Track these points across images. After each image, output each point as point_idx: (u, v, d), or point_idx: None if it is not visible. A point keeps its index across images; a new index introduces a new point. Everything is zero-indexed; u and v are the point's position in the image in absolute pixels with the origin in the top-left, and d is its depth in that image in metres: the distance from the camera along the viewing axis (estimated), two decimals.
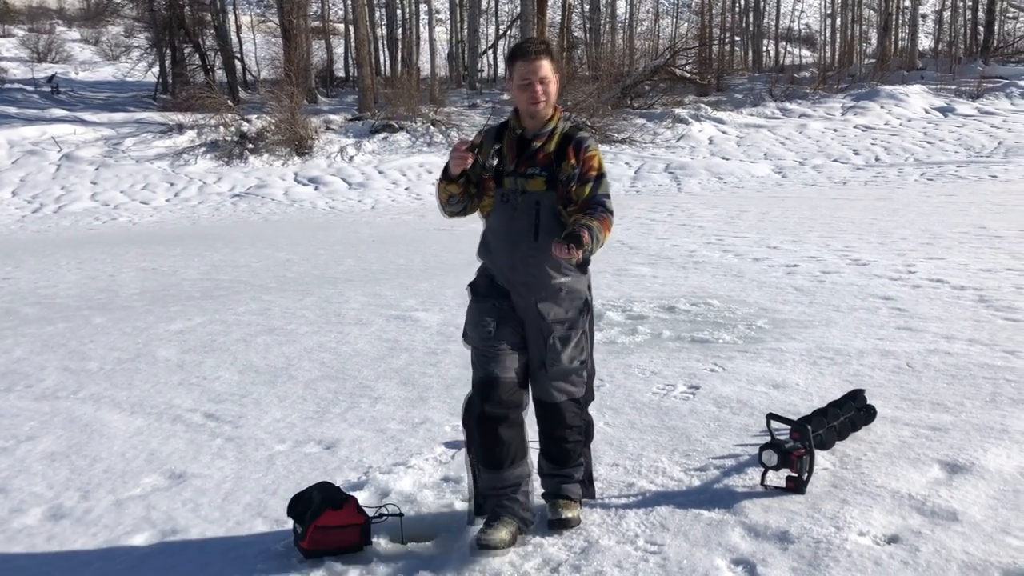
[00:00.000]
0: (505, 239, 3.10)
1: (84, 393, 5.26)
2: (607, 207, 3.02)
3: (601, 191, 3.05)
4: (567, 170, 3.03)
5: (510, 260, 3.09)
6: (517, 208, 3.05)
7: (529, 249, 3.05)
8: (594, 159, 3.06)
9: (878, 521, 3.08)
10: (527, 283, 3.09)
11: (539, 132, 3.07)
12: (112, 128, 24.06)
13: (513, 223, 3.07)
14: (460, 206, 3.15)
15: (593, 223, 2.88)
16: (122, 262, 11.34)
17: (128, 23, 36.52)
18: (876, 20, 32.95)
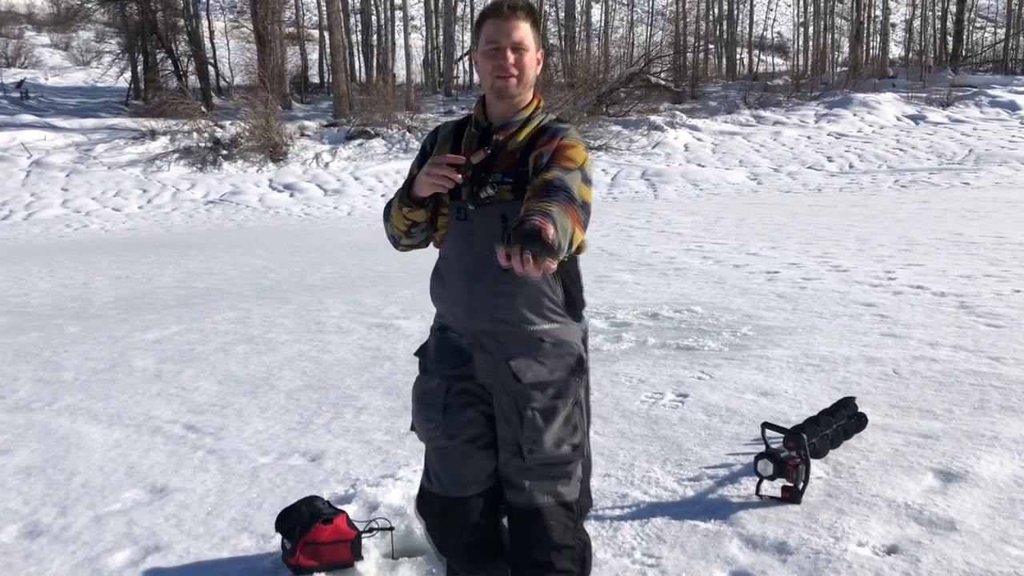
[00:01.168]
0: (462, 270, 2.25)
1: (59, 404, 5.13)
2: (573, 197, 2.02)
3: (570, 183, 2.05)
4: (533, 163, 2.18)
5: (468, 300, 2.24)
6: (476, 226, 2.20)
7: (495, 284, 2.20)
8: (574, 151, 2.16)
9: (876, 531, 3.05)
10: (494, 333, 2.24)
11: (508, 122, 2.25)
12: (83, 134, 23.75)
13: (472, 247, 2.22)
14: (422, 236, 2.35)
15: (552, 207, 1.89)
16: (95, 270, 11.15)
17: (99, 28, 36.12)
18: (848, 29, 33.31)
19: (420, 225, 2.30)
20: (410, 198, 2.22)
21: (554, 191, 1.98)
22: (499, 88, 2.21)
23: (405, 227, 2.29)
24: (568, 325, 2.31)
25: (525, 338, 2.24)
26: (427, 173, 2.11)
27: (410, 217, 2.26)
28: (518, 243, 1.64)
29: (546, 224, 1.70)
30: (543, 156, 2.15)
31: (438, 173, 2.09)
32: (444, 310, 2.36)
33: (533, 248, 1.64)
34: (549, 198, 1.94)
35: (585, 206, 2.07)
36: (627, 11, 38.61)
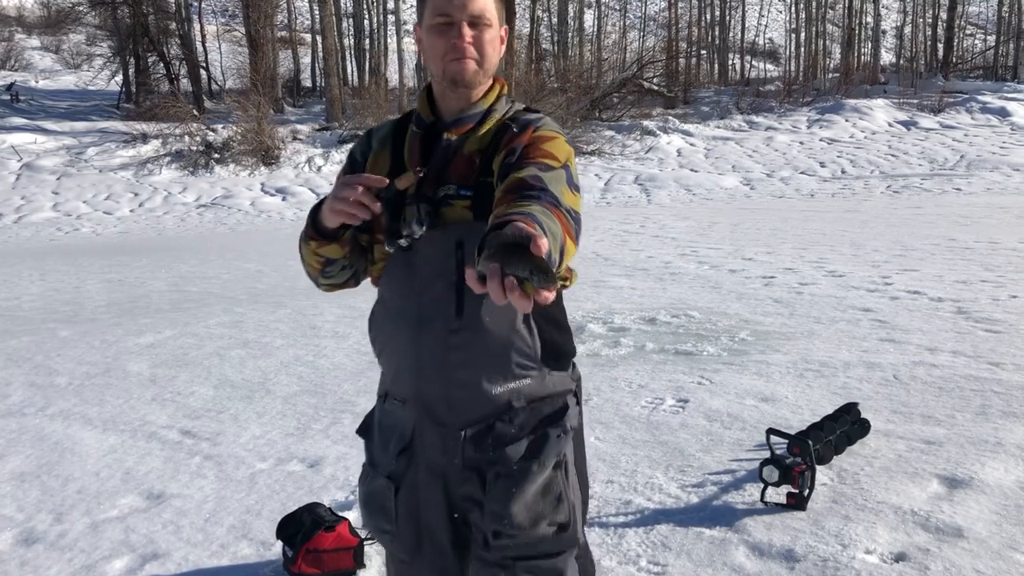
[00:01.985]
0: (404, 316, 1.73)
1: (53, 409, 5.07)
2: (558, 200, 1.48)
3: (553, 186, 1.52)
4: (498, 165, 1.66)
5: (414, 355, 1.72)
6: (421, 257, 1.68)
7: (448, 334, 1.69)
8: (553, 143, 1.65)
9: (883, 538, 3.02)
10: (447, 399, 1.72)
11: (462, 116, 1.74)
12: (74, 137, 23.64)
13: (415, 286, 1.70)
14: (345, 275, 1.82)
15: (532, 208, 1.39)
16: (87, 274, 11.07)
17: (90, 31, 35.98)
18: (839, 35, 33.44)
19: (338, 262, 1.76)
20: (316, 229, 1.68)
21: (532, 191, 1.47)
22: (453, 74, 1.68)
23: (319, 264, 1.76)
24: (547, 375, 1.77)
25: (488, 402, 1.71)
26: (334, 198, 1.57)
27: (321, 253, 1.72)
28: (498, 259, 1.14)
29: (534, 231, 1.19)
30: (512, 153, 1.62)
31: (348, 199, 1.54)
32: (385, 368, 1.83)
33: (519, 268, 1.13)
34: (526, 199, 1.44)
35: (574, 214, 1.50)
36: (619, 17, 38.68)
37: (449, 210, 1.66)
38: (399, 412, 1.81)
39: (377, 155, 1.81)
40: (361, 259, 1.83)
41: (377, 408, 1.90)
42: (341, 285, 1.86)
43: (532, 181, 1.51)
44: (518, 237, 1.17)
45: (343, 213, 1.57)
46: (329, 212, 1.61)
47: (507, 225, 1.24)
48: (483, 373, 1.71)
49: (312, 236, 1.71)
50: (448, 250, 1.66)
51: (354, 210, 1.55)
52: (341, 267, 1.79)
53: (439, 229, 1.65)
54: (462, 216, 1.66)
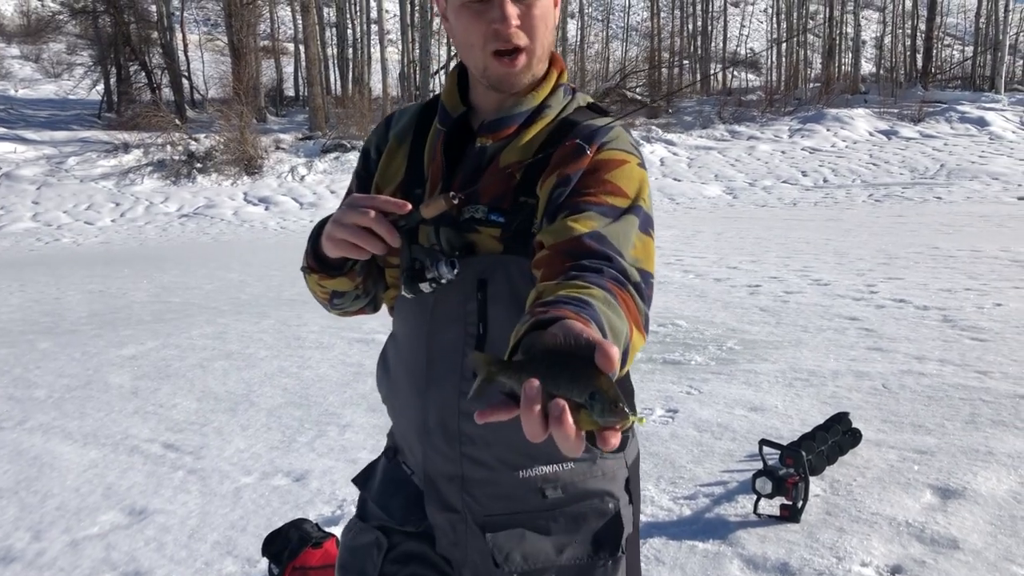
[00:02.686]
0: (412, 366, 1.41)
1: (32, 423, 4.97)
2: (626, 270, 1.13)
3: (621, 243, 1.16)
4: (545, 196, 1.27)
5: (421, 417, 1.40)
6: (438, 300, 1.35)
7: (461, 396, 1.36)
8: (622, 172, 1.26)
9: (879, 550, 2.99)
10: (461, 478, 1.39)
11: (503, 116, 1.34)
12: (54, 147, 23.43)
13: (429, 330, 1.37)
14: (360, 303, 1.51)
15: (591, 294, 1.00)
16: (67, 284, 10.94)
17: (71, 40, 35.72)
18: (820, 45, 33.69)
19: (349, 294, 1.45)
20: (316, 258, 1.36)
21: (592, 258, 1.11)
22: (498, 78, 1.29)
23: (325, 296, 1.46)
24: (596, 461, 1.40)
25: (514, 489, 1.37)
26: (338, 224, 1.23)
27: (325, 286, 1.42)
28: (538, 372, 0.79)
29: (599, 337, 0.82)
30: (567, 182, 1.24)
31: (356, 227, 1.21)
32: (393, 423, 1.53)
33: (573, 389, 0.78)
34: (582, 275, 1.06)
35: (647, 279, 1.17)
36: (602, 27, 38.82)
37: (473, 237, 1.30)
38: (413, 476, 1.49)
39: (393, 153, 1.44)
40: (380, 282, 1.50)
41: (381, 462, 1.56)
42: (356, 312, 1.56)
43: (592, 243, 1.13)
44: (575, 344, 0.80)
45: (347, 245, 1.24)
46: (330, 241, 1.25)
47: (553, 322, 0.86)
48: (506, 449, 1.35)
49: (313, 267, 1.38)
50: (467, 291, 1.30)
51: (363, 242, 1.22)
52: (354, 297, 1.48)
53: (463, 262, 1.30)
54: (489, 247, 1.29)
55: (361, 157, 1.51)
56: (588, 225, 1.16)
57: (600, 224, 1.17)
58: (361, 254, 1.25)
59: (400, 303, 1.43)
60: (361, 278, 1.44)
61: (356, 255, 1.26)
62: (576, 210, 1.20)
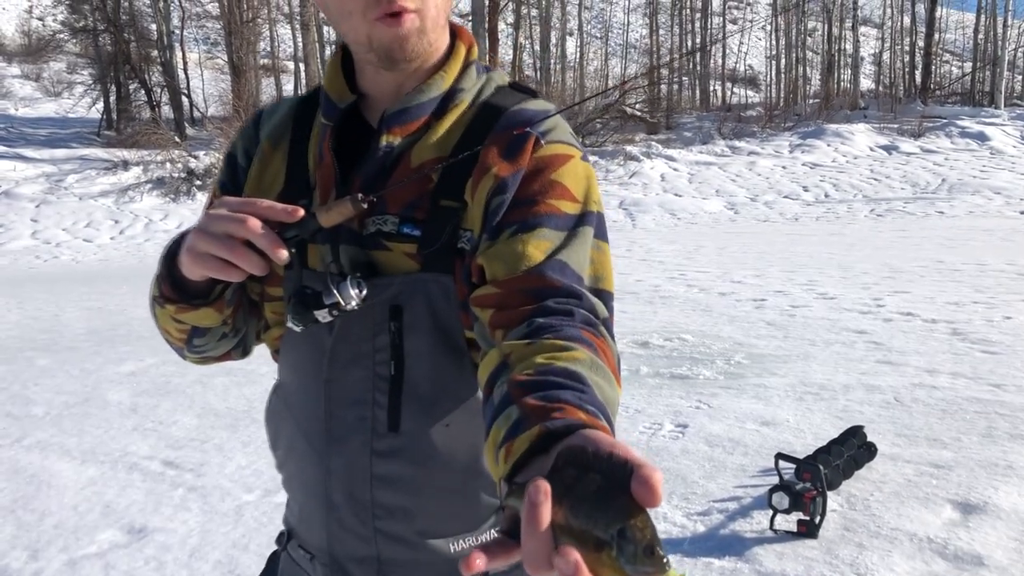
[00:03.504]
0: (307, 423, 1.14)
1: (29, 440, 4.88)
2: (594, 309, 0.96)
3: (580, 266, 0.99)
4: (480, 205, 1.03)
5: (323, 488, 1.12)
6: (338, 335, 1.08)
7: (372, 457, 1.09)
8: (565, 170, 1.05)
9: (901, 567, 2.91)
10: (378, 560, 1.12)
11: (408, 106, 1.07)
12: (54, 164, 23.40)
13: (327, 379, 1.10)
14: (226, 344, 1.19)
15: (578, 359, 0.82)
16: (66, 301, 10.86)
17: (71, 60, 35.82)
18: (819, 61, 33.79)
19: (215, 331, 1.14)
20: (171, 285, 1.05)
21: (558, 301, 0.94)
22: (386, 44, 1.02)
23: (181, 334, 1.13)
24: None
25: (447, 567, 1.11)
26: (203, 233, 0.93)
27: (183, 319, 1.09)
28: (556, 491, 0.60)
29: (632, 455, 0.61)
30: (503, 189, 1.02)
31: (229, 238, 0.92)
32: (289, 495, 1.23)
33: (598, 521, 0.59)
34: (556, 329, 0.88)
35: (610, 305, 1.01)
36: (601, 44, 38.95)
37: (381, 256, 1.04)
38: (307, 569, 1.19)
39: (266, 159, 1.16)
40: (252, 317, 1.19)
41: (280, 560, 1.26)
42: (220, 358, 1.23)
43: (556, 279, 0.95)
44: (605, 464, 0.60)
45: (216, 263, 0.93)
46: (193, 257, 0.94)
47: (565, 432, 0.68)
48: (433, 520, 1.09)
49: (168, 296, 1.06)
50: (376, 321, 1.05)
51: (239, 259, 0.92)
52: (220, 336, 1.15)
53: (369, 284, 1.03)
54: (401, 266, 1.04)
55: (225, 164, 1.20)
56: (543, 248, 0.97)
57: (555, 242, 0.99)
58: (233, 275, 0.94)
59: (287, 344, 1.14)
60: (230, 310, 1.11)
61: (227, 276, 0.94)
62: (525, 227, 0.99)
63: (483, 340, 0.98)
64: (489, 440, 0.78)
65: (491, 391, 0.85)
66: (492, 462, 0.77)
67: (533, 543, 0.58)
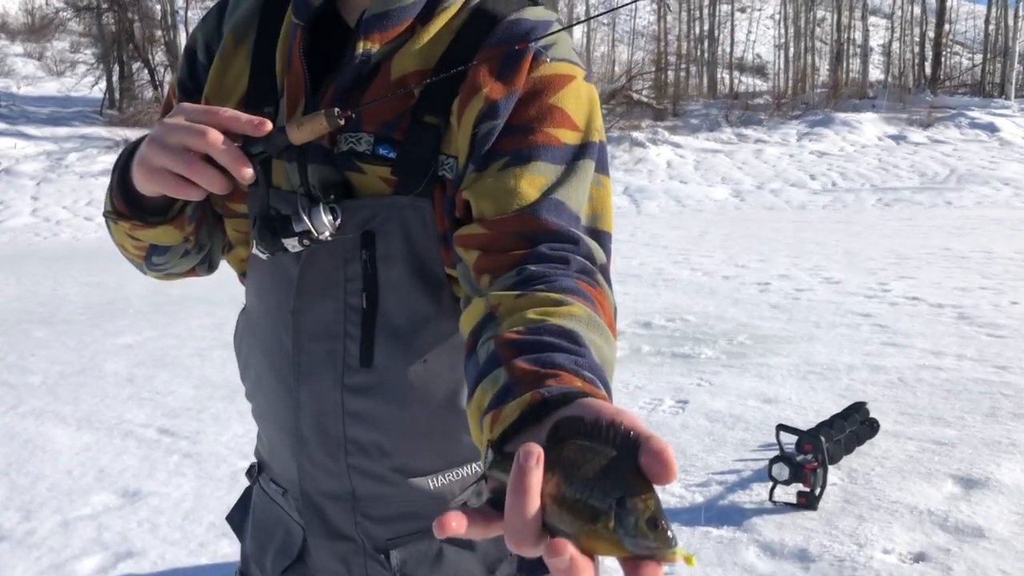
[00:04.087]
0: (275, 354, 1.05)
1: (24, 408, 4.85)
2: (591, 254, 0.88)
3: (576, 204, 0.91)
4: (467, 130, 0.93)
5: (293, 422, 1.05)
6: (306, 263, 0.99)
7: (345, 393, 1.01)
8: (565, 94, 0.93)
9: (901, 538, 2.87)
10: (353, 496, 1.05)
11: (388, 11, 0.94)
12: (55, 143, 23.35)
13: (294, 309, 1.01)
14: (190, 261, 1.10)
15: (573, 313, 0.75)
16: (65, 276, 10.83)
17: (74, 39, 35.73)
18: (828, 51, 33.62)
19: (176, 249, 1.05)
20: (125, 200, 0.94)
21: (552, 247, 0.86)
22: None
23: (139, 251, 1.05)
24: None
25: (425, 503, 1.05)
26: (158, 145, 0.84)
27: (139, 237, 1.00)
28: (551, 462, 0.53)
29: (640, 426, 0.53)
30: (495, 112, 0.92)
31: (184, 150, 0.83)
32: (259, 425, 1.17)
33: (595, 490, 0.52)
34: (551, 279, 0.81)
35: (608, 247, 0.94)
36: (608, 30, 38.77)
37: (353, 178, 0.95)
38: (280, 504, 1.13)
39: (228, 57, 1.03)
40: (218, 232, 1.10)
41: (254, 492, 1.21)
42: (184, 274, 1.15)
43: (552, 220, 0.87)
44: (610, 434, 0.53)
45: (171, 179, 0.84)
46: (145, 171, 0.85)
47: (561, 401, 0.60)
48: (410, 455, 1.03)
49: (122, 211, 0.95)
50: (347, 249, 0.96)
51: (197, 176, 0.83)
52: (182, 254, 1.07)
53: (343, 209, 0.94)
54: (374, 188, 0.95)
55: (184, 60, 1.08)
56: (538, 185, 0.88)
57: (551, 178, 0.89)
58: (192, 193, 0.85)
59: (253, 269, 1.05)
60: (192, 227, 1.01)
61: (184, 195, 0.85)
62: (519, 158, 0.89)
63: (467, 284, 0.90)
64: (473, 403, 0.71)
65: (475, 345, 0.78)
66: (476, 427, 0.70)
67: (518, 514, 0.51)
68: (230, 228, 1.08)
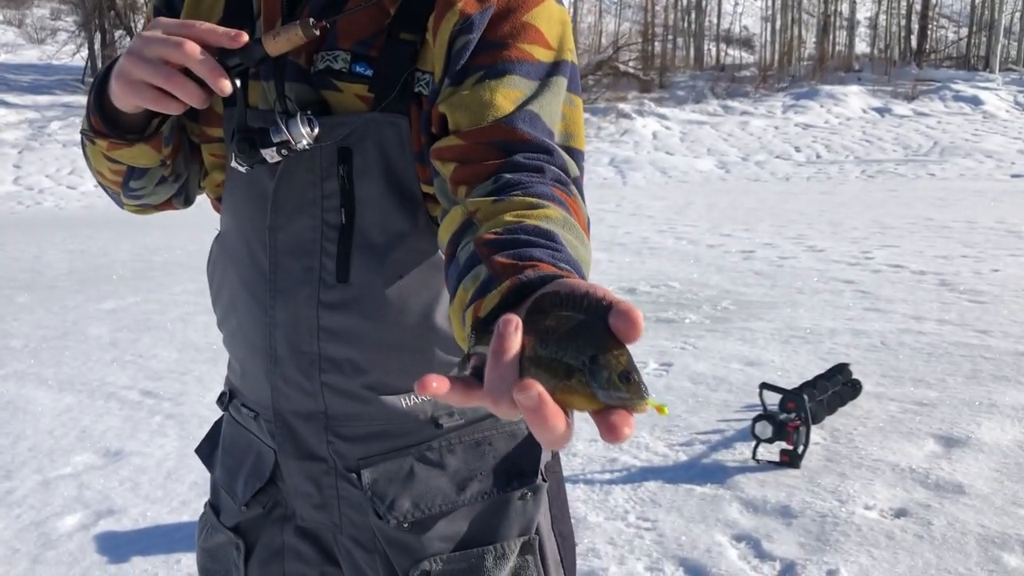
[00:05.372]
0: (248, 274, 1.04)
1: (6, 371, 4.82)
2: (565, 166, 0.88)
3: (551, 120, 0.91)
4: (442, 46, 0.93)
5: (265, 342, 1.04)
6: (281, 179, 0.98)
7: (320, 309, 1.00)
8: (538, 10, 0.94)
9: (882, 495, 2.89)
10: (325, 415, 1.04)
11: None
12: (37, 111, 23.06)
13: (271, 226, 1.01)
14: (167, 190, 1.09)
15: (550, 215, 0.75)
16: (48, 244, 10.73)
17: (54, 6, 35.19)
18: (815, 23, 33.53)
19: (153, 172, 1.04)
20: (102, 118, 0.94)
21: (527, 156, 0.86)
22: None
23: (116, 175, 1.03)
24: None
25: (397, 422, 1.04)
26: (136, 58, 0.84)
27: (117, 158, 0.99)
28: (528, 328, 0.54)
29: (609, 293, 0.55)
30: (470, 25, 0.92)
31: (162, 63, 0.84)
32: (230, 350, 1.15)
33: (569, 348, 0.53)
34: (525, 185, 0.82)
35: (581, 164, 0.96)
36: (595, 1, 38.51)
37: (330, 96, 0.95)
38: (252, 429, 1.13)
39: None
40: (195, 162, 1.10)
41: (225, 421, 1.21)
42: (160, 206, 1.13)
43: (527, 131, 0.87)
44: (582, 302, 0.55)
45: (150, 91, 0.85)
46: (124, 84, 0.85)
47: (518, 269, 0.65)
48: (384, 373, 1.02)
49: (100, 129, 0.95)
50: (324, 164, 0.97)
51: (176, 88, 0.84)
52: (159, 180, 1.05)
53: (319, 124, 0.94)
54: (351, 106, 0.95)
55: None
56: (512, 98, 0.89)
57: (526, 92, 0.90)
58: (171, 106, 0.85)
59: (229, 189, 1.04)
60: (169, 149, 1.01)
61: (163, 108, 0.85)
62: (494, 72, 0.90)
63: (444, 197, 0.90)
64: (455, 301, 0.72)
65: (455, 251, 0.79)
66: (458, 324, 0.70)
67: (497, 372, 0.52)
68: (207, 153, 1.07)
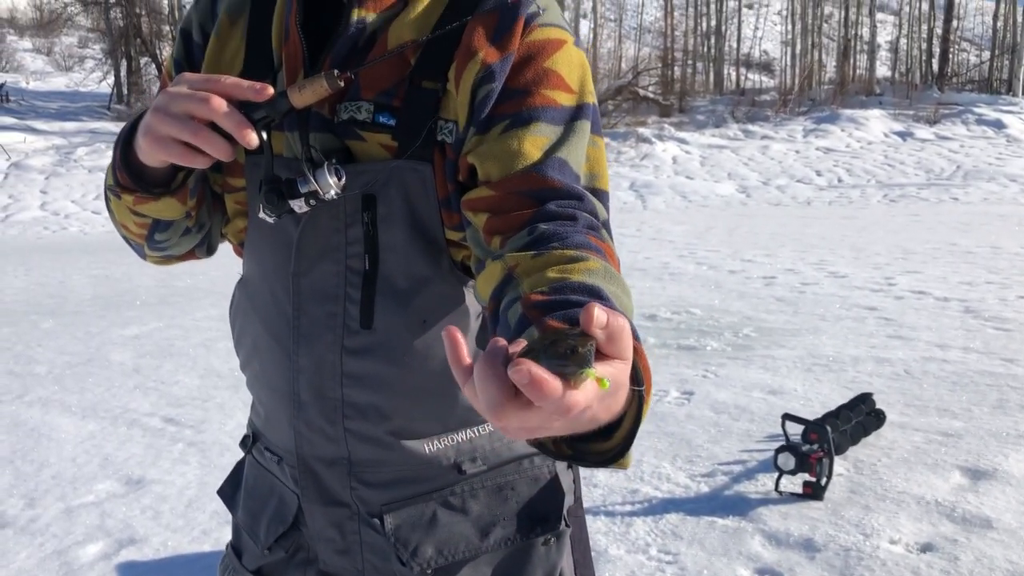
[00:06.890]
0: (273, 320, 1.05)
1: (30, 397, 4.86)
2: (595, 210, 0.90)
3: (577, 162, 0.92)
4: (465, 95, 0.94)
5: (289, 387, 1.05)
6: (306, 227, 1.00)
7: (344, 355, 1.01)
8: (558, 57, 0.95)
9: (907, 528, 2.85)
10: (348, 461, 1.06)
11: None
12: (64, 137, 23.41)
13: (295, 272, 1.02)
14: (191, 240, 1.10)
15: (612, 291, 0.74)
16: (73, 269, 10.85)
17: (82, 33, 35.81)
18: (835, 47, 33.51)
19: (177, 225, 1.05)
20: (128, 173, 0.94)
21: (560, 204, 0.88)
22: None
23: (141, 228, 1.04)
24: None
25: (420, 468, 1.04)
26: (162, 114, 0.84)
27: (143, 212, 1.00)
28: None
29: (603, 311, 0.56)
30: (490, 76, 0.93)
31: (190, 118, 0.84)
32: (254, 395, 1.16)
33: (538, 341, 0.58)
34: (562, 237, 0.83)
35: (607, 205, 0.96)
36: (615, 26, 38.71)
37: (354, 146, 0.96)
38: (275, 472, 1.13)
39: (225, 36, 1.04)
40: (217, 212, 1.10)
41: (247, 464, 1.21)
42: (183, 257, 1.14)
43: (557, 179, 0.88)
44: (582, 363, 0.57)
45: (177, 147, 0.85)
46: (151, 141, 0.86)
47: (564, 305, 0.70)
48: (407, 419, 1.03)
49: (125, 184, 0.96)
50: (349, 212, 0.97)
51: (203, 143, 0.84)
52: (183, 231, 1.06)
53: (342, 173, 0.94)
54: (375, 154, 0.96)
55: (179, 40, 1.09)
56: (540, 145, 0.90)
57: (552, 138, 0.91)
58: (198, 161, 0.86)
59: (252, 235, 1.05)
60: (194, 201, 1.01)
61: (190, 162, 0.86)
62: (519, 121, 0.91)
63: (478, 247, 0.91)
64: None
65: (497, 306, 0.80)
66: None
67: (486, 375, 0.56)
68: (230, 202, 1.09)
